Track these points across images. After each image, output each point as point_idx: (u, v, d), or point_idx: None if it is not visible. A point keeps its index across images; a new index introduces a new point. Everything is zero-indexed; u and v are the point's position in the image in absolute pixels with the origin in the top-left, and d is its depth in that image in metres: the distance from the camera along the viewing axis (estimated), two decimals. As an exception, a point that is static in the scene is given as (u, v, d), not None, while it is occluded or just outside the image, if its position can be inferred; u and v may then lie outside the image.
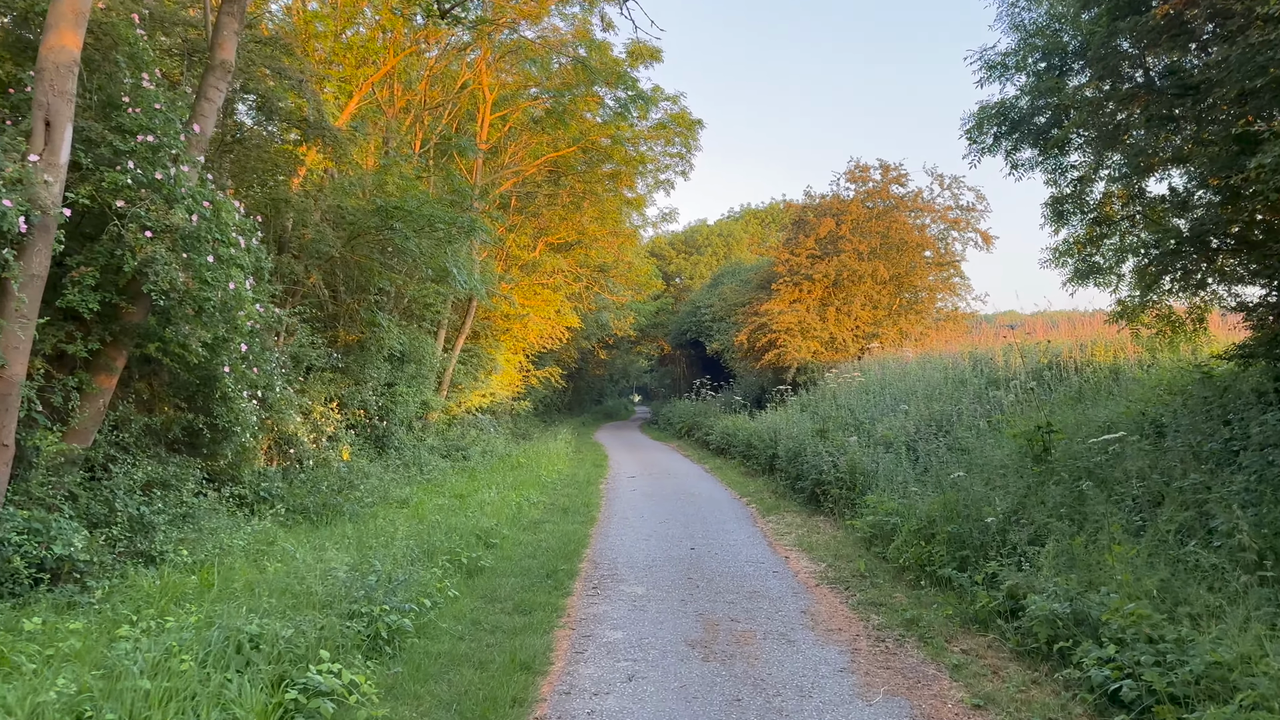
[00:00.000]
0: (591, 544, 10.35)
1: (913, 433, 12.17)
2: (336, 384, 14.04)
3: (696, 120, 20.72)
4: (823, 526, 11.16)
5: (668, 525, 11.73)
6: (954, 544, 7.72)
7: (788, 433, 15.69)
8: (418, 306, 16.50)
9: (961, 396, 13.01)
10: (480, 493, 13.57)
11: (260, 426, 10.74)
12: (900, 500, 9.38)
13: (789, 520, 11.83)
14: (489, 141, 21.80)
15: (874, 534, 9.24)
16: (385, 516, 11.27)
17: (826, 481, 11.73)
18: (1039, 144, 10.57)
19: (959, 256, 26.42)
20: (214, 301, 7.64)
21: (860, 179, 26.30)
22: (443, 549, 8.73)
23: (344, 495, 11.72)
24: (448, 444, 19.46)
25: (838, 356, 24.72)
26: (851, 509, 10.83)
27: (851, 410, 14.86)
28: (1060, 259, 11.27)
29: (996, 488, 8.52)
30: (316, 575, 6.36)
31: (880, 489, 10.20)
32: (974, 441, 10.89)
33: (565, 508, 13.44)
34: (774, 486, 14.90)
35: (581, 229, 25.69)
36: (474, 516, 11.29)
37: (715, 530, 11.25)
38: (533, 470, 17.65)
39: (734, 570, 8.75)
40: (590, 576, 8.56)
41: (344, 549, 8.60)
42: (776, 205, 57.48)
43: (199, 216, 7.56)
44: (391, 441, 16.34)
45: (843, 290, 25.61)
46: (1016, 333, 17.38)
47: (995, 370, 13.91)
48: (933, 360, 17.11)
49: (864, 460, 11.24)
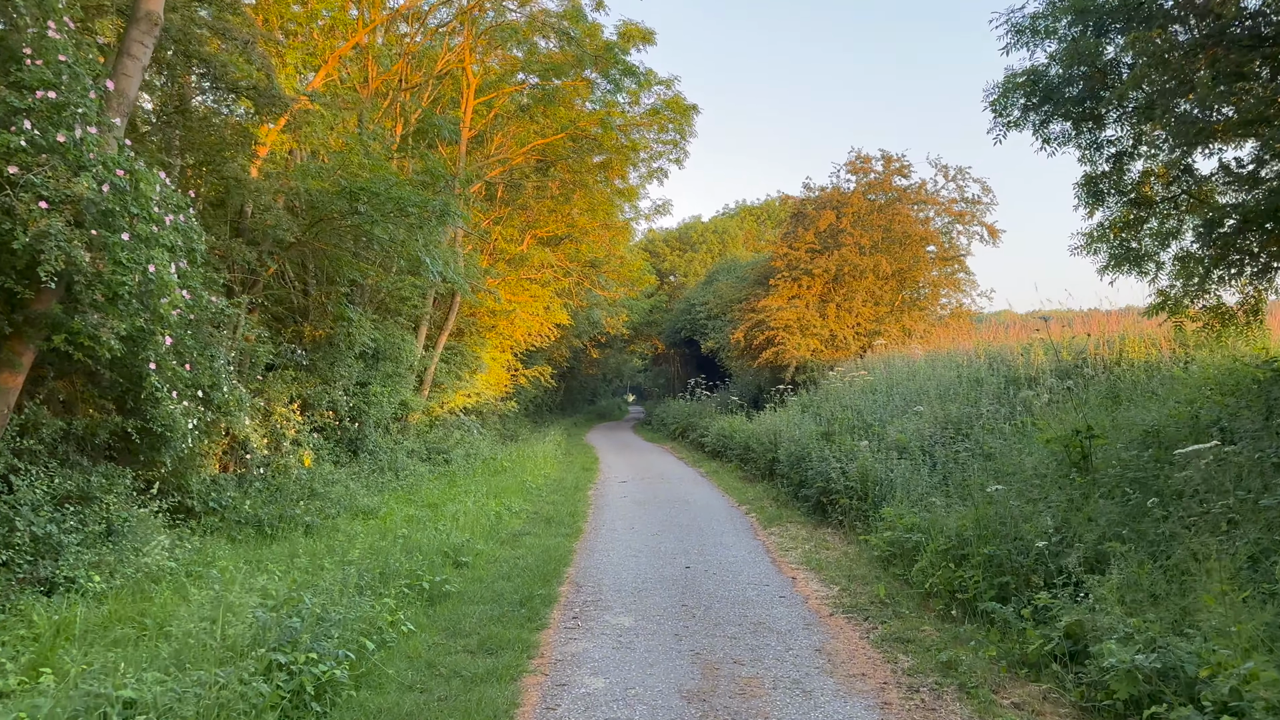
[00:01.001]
0: (575, 561, 9.27)
1: (928, 437, 11.13)
2: (301, 383, 12.94)
3: (691, 105, 19.66)
4: (831, 541, 10.10)
5: (660, 538, 10.66)
6: (991, 568, 6.66)
7: (789, 435, 14.62)
8: (393, 300, 15.39)
9: (979, 397, 11.96)
10: (456, 501, 12.48)
11: (206, 430, 9.65)
12: (922, 514, 8.32)
13: (793, 533, 10.76)
14: (474, 129, 20.71)
15: (893, 553, 8.18)
16: (347, 529, 10.18)
17: (835, 490, 10.67)
18: (1072, 116, 9.52)
19: (964, 251, 25.39)
20: (130, 286, 6.54)
21: (862, 170, 25.26)
22: (403, 571, 7.64)
23: (304, 505, 10.62)
24: (428, 447, 18.36)
25: (838, 355, 23.68)
26: (864, 522, 9.77)
27: (859, 412, 13.80)
28: (1094, 245, 10.24)
29: (1034, 501, 7.47)
30: (236, 611, 5.26)
31: (898, 500, 9.13)
32: (998, 447, 9.86)
33: (549, 517, 12.36)
34: (775, 493, 13.84)
35: (571, 222, 24.58)
36: (445, 529, 10.20)
37: (713, 544, 10.19)
38: (517, 475, 16.57)
39: (735, 595, 7.68)
40: (571, 603, 7.48)
41: (288, 571, 7.51)
42: (772, 202, 56.45)
43: (112, 187, 6.46)
44: (365, 445, 15.25)
45: (843, 286, 24.56)
46: (1050, 326, 16.20)
47: (1014, 368, 12.87)
48: (943, 358, 16.07)
49: (876, 467, 10.18)
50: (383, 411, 15.40)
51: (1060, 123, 9.68)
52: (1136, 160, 9.76)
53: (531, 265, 23.55)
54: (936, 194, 25.21)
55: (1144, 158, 9.66)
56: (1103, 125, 9.58)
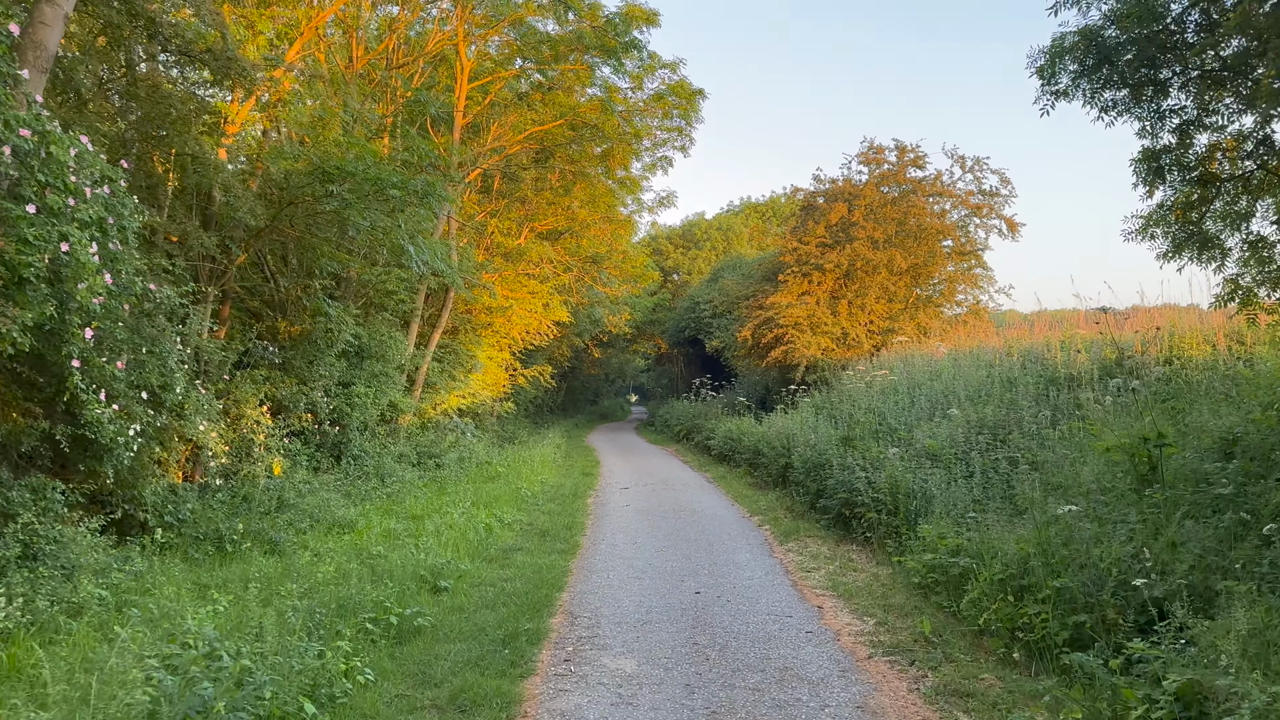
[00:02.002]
0: (570, 584, 8.21)
1: (962, 443, 10.06)
2: (275, 384, 11.90)
3: (698, 90, 18.58)
4: (858, 559, 9.04)
5: (666, 555, 9.61)
6: (1062, 603, 5.59)
7: (804, 440, 13.55)
8: (377, 294, 14.34)
9: (1015, 398, 10.89)
10: (443, 512, 11.43)
11: (157, 435, 8.61)
12: (967, 534, 7.25)
13: (813, 549, 9.70)
14: (468, 116, 19.67)
15: (934, 579, 7.11)
16: (317, 546, 9.14)
17: (860, 503, 9.60)
18: (1130, 83, 8.45)
19: (982, 245, 24.28)
20: (37, 269, 5.50)
21: (875, 161, 24.16)
22: (368, 601, 6.59)
23: (270, 519, 9.58)
24: (419, 451, 17.31)
25: (850, 354, 22.60)
26: (895, 540, 8.69)
27: (881, 414, 12.72)
28: (1151, 229, 9.17)
29: (1102, 521, 6.41)
30: (125, 682, 4.18)
31: (936, 516, 8.06)
32: (1044, 455, 8.80)
33: (544, 530, 11.30)
34: (789, 503, 12.78)
35: (571, 215, 23.53)
36: (427, 546, 9.16)
37: (724, 563, 9.13)
38: (511, 481, 15.51)
39: (754, 630, 6.62)
40: (563, 639, 6.42)
41: (236, 601, 6.47)
42: (777, 199, 55.41)
43: (14, 151, 5.42)
44: (349, 450, 14.20)
45: (856, 282, 23.48)
46: (1108, 318, 14.87)
47: (1050, 366, 11.80)
48: (968, 356, 14.99)
49: (907, 477, 9.11)
50: (367, 414, 14.36)
51: (1115, 90, 8.62)
52: (1202, 133, 8.69)
53: (530, 260, 22.50)
54: (953, 186, 24.12)
55: (1211, 129, 8.59)
56: (1165, 93, 8.51)
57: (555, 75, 20.19)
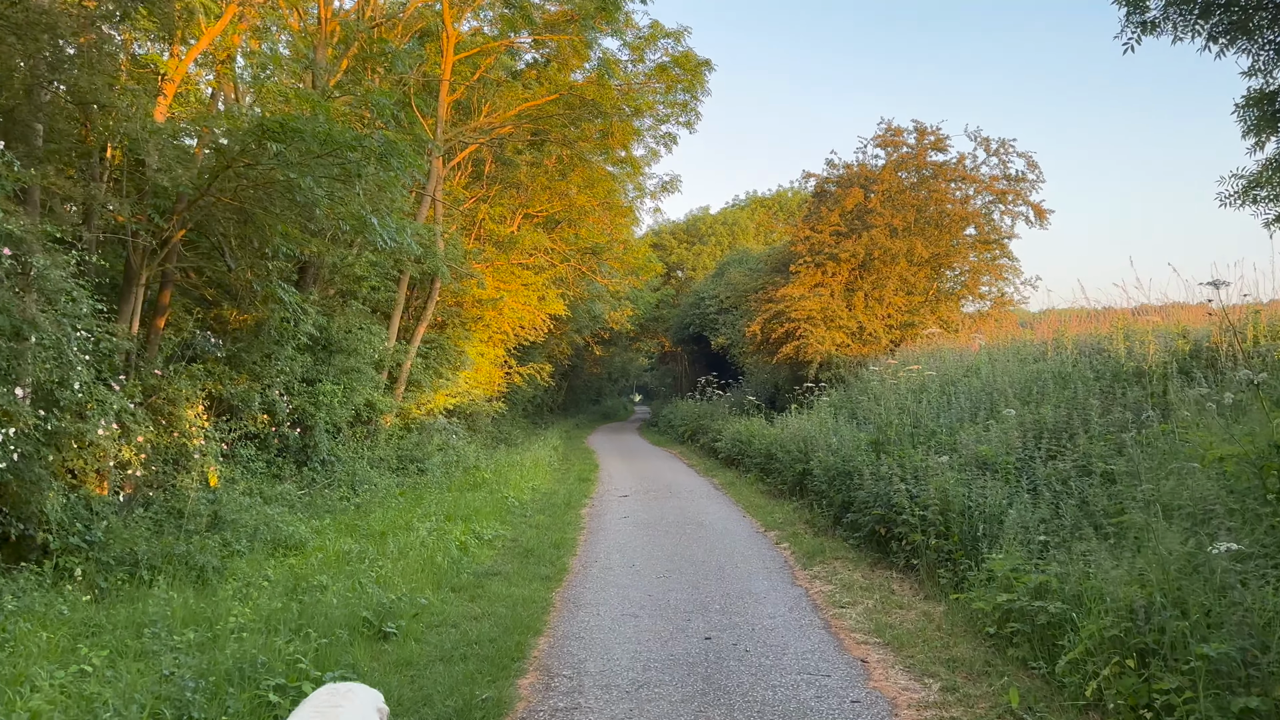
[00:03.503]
0: (551, 626, 6.68)
1: (1019, 449, 8.52)
2: (221, 380, 10.40)
3: (704, 61, 17.02)
4: (901, 591, 7.49)
5: (669, 582, 8.08)
6: (1218, 678, 4.06)
7: (826, 443, 12.02)
8: (345, 281, 12.82)
9: (1076, 397, 9.34)
10: (411, 527, 9.92)
11: (49, 440, 7.11)
12: (1051, 568, 5.70)
13: (844, 576, 8.15)
14: (456, 92, 18.15)
15: (1014, 628, 5.55)
16: (251, 574, 7.64)
17: (901, 521, 8.05)
18: (1239, 7, 6.89)
19: (1007, 233, 22.65)
20: None
21: (892, 144, 22.57)
22: (278, 662, 5.06)
23: (199, 540, 8.07)
24: (401, 455, 15.82)
25: (866, 350, 21.06)
26: (950, 568, 7.14)
27: (914, 415, 11.17)
28: (1253, 191, 7.61)
29: (1241, 556, 4.86)
30: None
31: (1006, 542, 6.50)
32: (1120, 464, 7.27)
33: (529, 549, 9.78)
34: (809, 516, 11.25)
35: (569, 201, 22.00)
36: (382, 574, 7.64)
37: (739, 594, 7.60)
38: (498, 488, 14.00)
39: (783, 698, 5.07)
40: (534, 712, 4.89)
41: (112, 659, 4.96)
42: (784, 193, 53.92)
43: None
44: (316, 455, 12.70)
45: (873, 273, 21.93)
46: (1220, 296, 13.07)
47: (1114, 359, 10.24)
48: (1006, 350, 13.43)
49: (961, 492, 7.57)
50: (337, 415, 12.85)
51: (1216, 17, 7.07)
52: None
53: (523, 249, 20.98)
54: (976, 170, 22.53)
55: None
56: (1281, 21, 6.96)
57: (550, 51, 18.70)
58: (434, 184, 17.26)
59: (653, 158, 22.97)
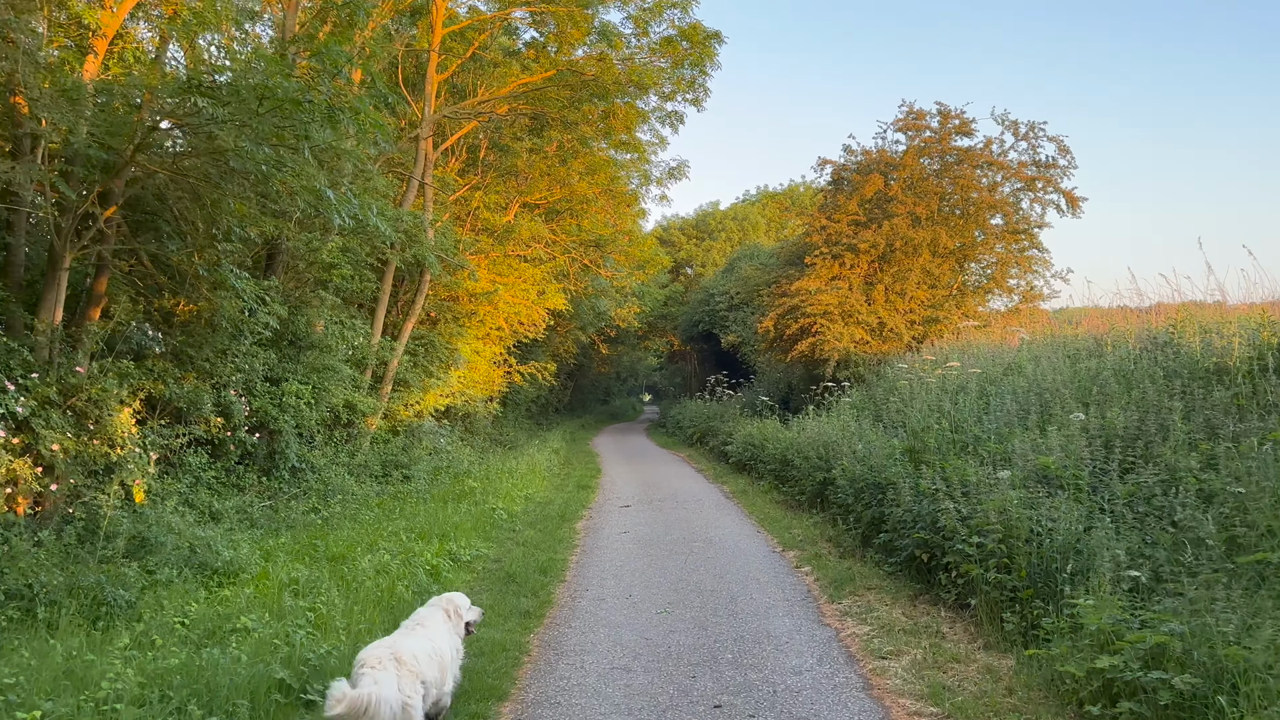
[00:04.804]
0: (521, 688, 5.35)
1: (1088, 460, 7.17)
2: (163, 379, 9.14)
3: (713, 33, 15.69)
4: (954, 636, 6.15)
5: (671, 621, 6.77)
6: None
7: (850, 450, 10.69)
8: (314, 269, 11.54)
9: (1154, 398, 7.98)
10: (377, 548, 8.64)
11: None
12: (1168, 621, 4.36)
13: (881, 613, 6.81)
14: (448, 69, 16.89)
15: (1127, 710, 4.20)
16: (173, 611, 6.37)
17: (951, 549, 6.70)
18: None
19: (1038, 222, 21.20)
20: None
21: (914, 127, 21.13)
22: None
23: (112, 569, 6.80)
24: (385, 461, 14.56)
25: (887, 347, 19.68)
26: (1018, 611, 5.78)
27: (954, 418, 9.81)
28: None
29: None
30: None
31: (1099, 581, 5.14)
32: (1213, 479, 5.95)
33: (510, 573, 8.47)
34: (833, 533, 9.92)
35: (570, 189, 20.67)
36: (322, 616, 6.35)
37: (756, 636, 6.28)
38: (486, 498, 12.70)
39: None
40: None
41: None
42: (796, 187, 52.52)
43: None
44: (284, 463, 11.44)
45: (894, 264, 20.52)
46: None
47: (1189, 356, 8.87)
48: (1047, 345, 12.06)
49: (1026, 515, 6.21)
50: (305, 417, 11.57)
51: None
52: None
53: (520, 240, 19.67)
54: (1004, 155, 21.11)
55: None
56: None
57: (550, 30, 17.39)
58: (422, 167, 16.01)
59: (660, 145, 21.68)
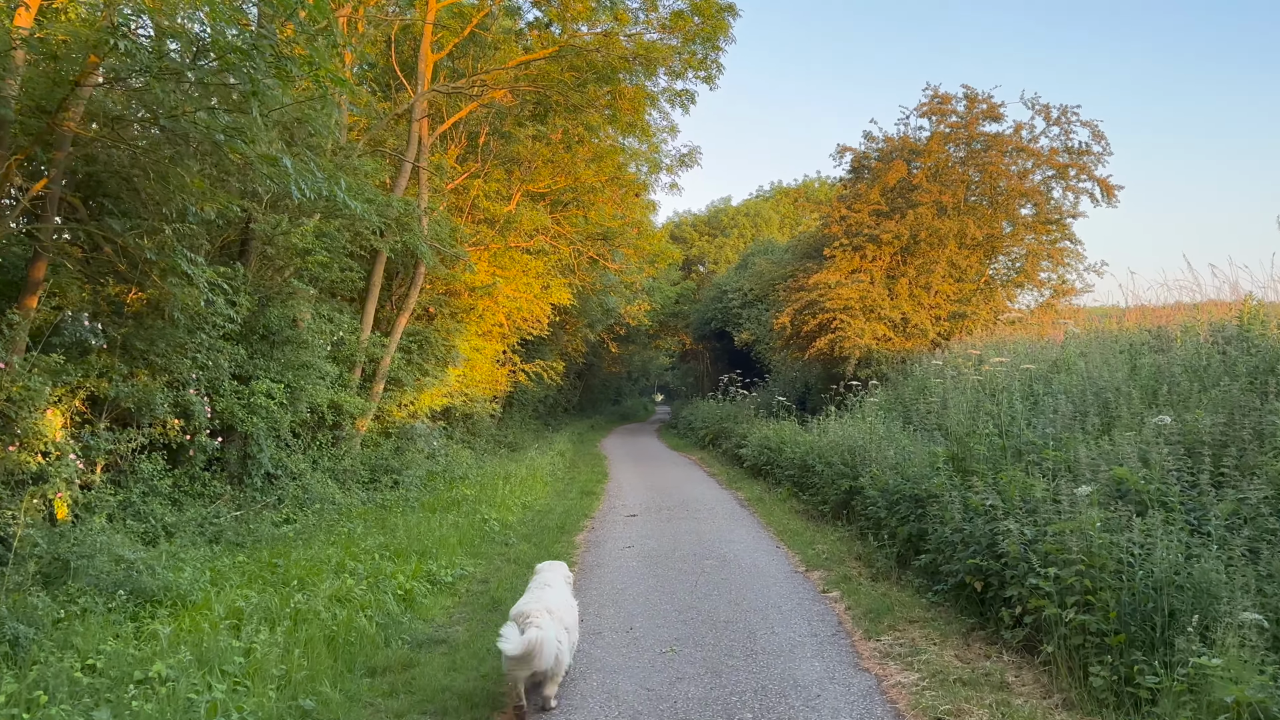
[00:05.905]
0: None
1: (1173, 470, 6.02)
2: (108, 376, 8.12)
3: (727, 5, 14.58)
4: (1024, 688, 5.02)
5: (677, 664, 5.68)
6: None
7: (880, 456, 9.57)
8: (284, 254, 10.50)
9: (1234, 396, 6.83)
10: (350, 566, 7.59)
11: None
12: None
13: (929, 655, 5.70)
14: (444, 48, 15.86)
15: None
16: (81, 651, 5.32)
17: (1012, 579, 5.58)
18: None
19: (1070, 212, 19.96)
20: None
21: (939, 112, 19.94)
22: None
23: (17, 597, 5.77)
24: (375, 465, 13.54)
25: (910, 344, 18.52)
26: (1109, 664, 4.66)
27: (997, 421, 8.65)
28: None
29: None
30: None
31: (1222, 638, 4.02)
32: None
33: (496, 599, 7.40)
34: (861, 549, 8.80)
35: (575, 178, 19.60)
36: (256, 662, 5.30)
37: (780, 687, 5.18)
38: (479, 507, 11.65)
39: None
40: None
41: None
42: (811, 183, 51.33)
43: None
44: (257, 469, 10.43)
45: (918, 257, 19.36)
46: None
47: (1273, 350, 7.71)
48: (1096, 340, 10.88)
49: (1107, 539, 5.08)
50: (277, 419, 10.54)
51: None
52: None
53: (522, 230, 18.62)
54: (1034, 141, 19.89)
55: None
56: None
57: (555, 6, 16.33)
58: (415, 150, 14.98)
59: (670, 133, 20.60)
